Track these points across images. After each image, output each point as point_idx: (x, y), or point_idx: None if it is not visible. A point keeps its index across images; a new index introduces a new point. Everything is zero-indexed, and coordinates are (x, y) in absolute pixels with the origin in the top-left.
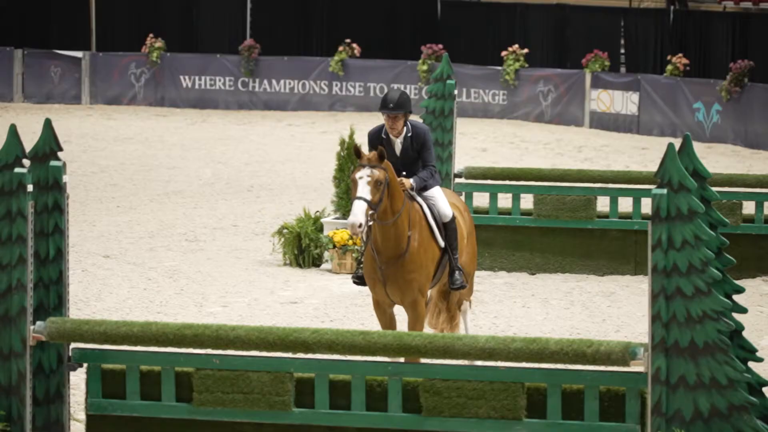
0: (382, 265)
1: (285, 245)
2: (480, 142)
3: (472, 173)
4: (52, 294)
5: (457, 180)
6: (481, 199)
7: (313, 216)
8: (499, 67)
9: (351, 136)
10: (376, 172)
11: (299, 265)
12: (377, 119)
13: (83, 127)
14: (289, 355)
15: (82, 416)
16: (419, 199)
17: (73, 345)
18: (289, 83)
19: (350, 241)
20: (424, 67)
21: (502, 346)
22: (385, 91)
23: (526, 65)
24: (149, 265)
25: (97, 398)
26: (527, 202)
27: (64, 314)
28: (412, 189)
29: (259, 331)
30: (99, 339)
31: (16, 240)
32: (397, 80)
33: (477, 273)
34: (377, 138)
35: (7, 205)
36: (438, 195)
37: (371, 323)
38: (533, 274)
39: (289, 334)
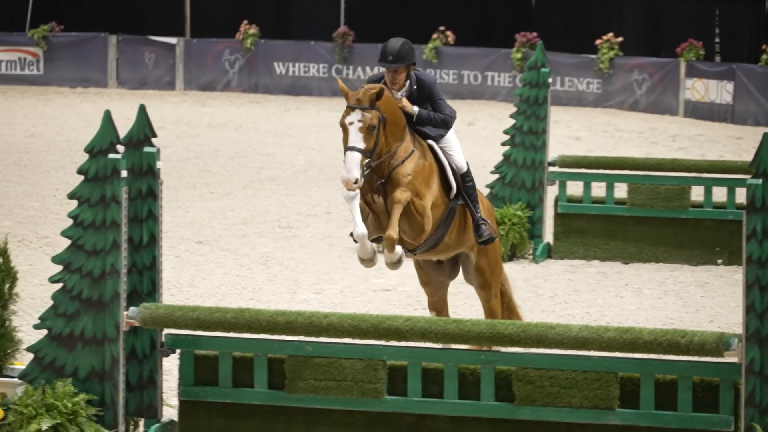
0: (375, 192)
1: None
2: (574, 131)
3: (565, 162)
4: (146, 279)
5: (551, 168)
6: (574, 188)
7: None
8: (594, 56)
9: None
10: (368, 115)
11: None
12: (471, 108)
13: (177, 113)
14: (382, 342)
15: (174, 402)
16: (431, 141)
17: (166, 331)
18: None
19: None
20: (519, 55)
21: (595, 335)
22: (388, 42)
23: (621, 54)
24: (242, 251)
25: (189, 384)
26: (621, 191)
27: (157, 300)
28: (413, 113)
29: (352, 319)
30: (192, 325)
31: (110, 225)
32: (491, 68)
33: (570, 261)
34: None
35: (102, 190)
36: (450, 144)
37: (464, 311)
38: (627, 263)
39: (382, 321)
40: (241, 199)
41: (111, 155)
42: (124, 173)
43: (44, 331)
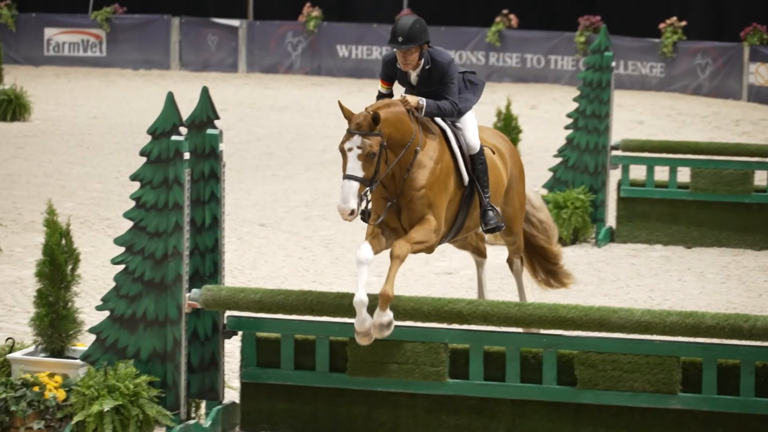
0: (389, 197)
1: None
2: (637, 115)
3: (628, 145)
4: (208, 262)
5: (614, 152)
6: (637, 172)
7: None
8: (657, 40)
9: (508, 107)
10: (368, 142)
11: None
12: (534, 92)
13: (240, 96)
14: (444, 325)
15: (236, 384)
16: (441, 122)
17: (228, 313)
18: None
19: None
20: (582, 39)
21: (657, 319)
22: (398, 21)
23: (684, 38)
24: (304, 234)
25: (251, 366)
26: (684, 175)
27: (219, 282)
28: (420, 108)
29: (414, 302)
30: (254, 307)
31: (172, 207)
32: (554, 51)
33: (632, 245)
34: (391, 66)
35: (164, 172)
36: (468, 124)
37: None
38: (689, 247)
39: (444, 304)
40: (304, 181)
41: (174, 137)
42: (186, 155)
43: (106, 313)
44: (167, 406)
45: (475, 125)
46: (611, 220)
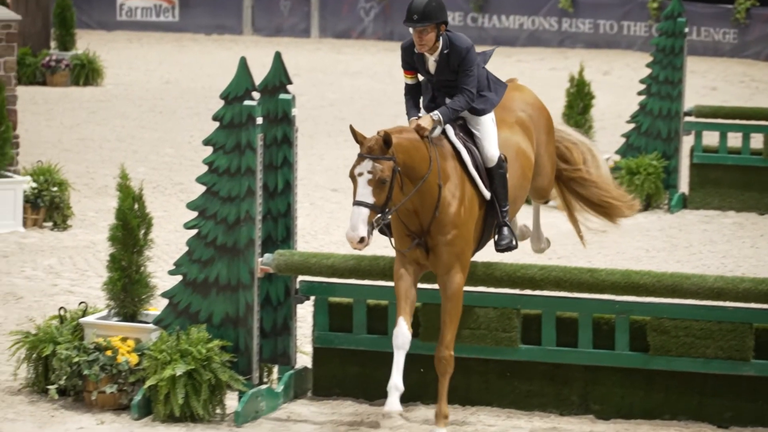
0: (413, 235)
1: None
2: (710, 81)
3: (701, 112)
4: (280, 226)
5: (687, 118)
6: (710, 138)
7: None
8: (730, 6)
9: (581, 73)
10: (379, 167)
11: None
12: (607, 57)
13: (312, 61)
14: (516, 291)
15: (308, 349)
16: (454, 139)
17: (300, 278)
18: (519, 19)
19: None
20: (655, 5)
21: (730, 286)
22: None
23: (758, 3)
24: None
25: (323, 331)
26: (757, 141)
27: (291, 247)
28: (438, 124)
29: (486, 267)
30: (326, 272)
31: (245, 172)
32: (627, 17)
33: (705, 212)
34: (410, 53)
35: (237, 137)
36: (485, 130)
37: (598, 261)
38: (762, 214)
39: (516, 270)
40: None
41: (246, 102)
42: (259, 120)
43: (179, 277)
44: (239, 371)
45: (493, 132)
46: (684, 187)
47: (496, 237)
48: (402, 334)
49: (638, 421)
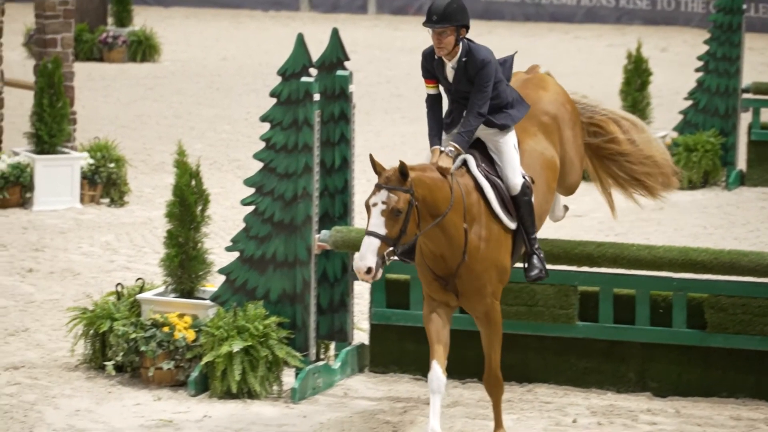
0: (440, 274)
1: None
2: None
3: (759, 88)
4: (338, 203)
5: (745, 95)
6: None
7: None
8: None
9: (638, 50)
10: (394, 198)
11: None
12: (665, 34)
13: (369, 38)
14: (574, 268)
15: (365, 325)
16: (476, 173)
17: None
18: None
19: None
20: None
21: None
22: (434, 0)
23: None
24: None
25: (381, 308)
26: None
27: (348, 223)
28: (457, 155)
29: (543, 244)
30: None
31: (302, 149)
32: None
33: (763, 189)
34: (429, 60)
35: (294, 113)
36: (507, 158)
37: (656, 238)
38: None
39: (573, 247)
40: None
41: (304, 78)
42: (316, 96)
43: (236, 254)
44: (296, 348)
45: (515, 159)
46: (741, 164)
47: (526, 266)
48: (437, 378)
49: (695, 398)
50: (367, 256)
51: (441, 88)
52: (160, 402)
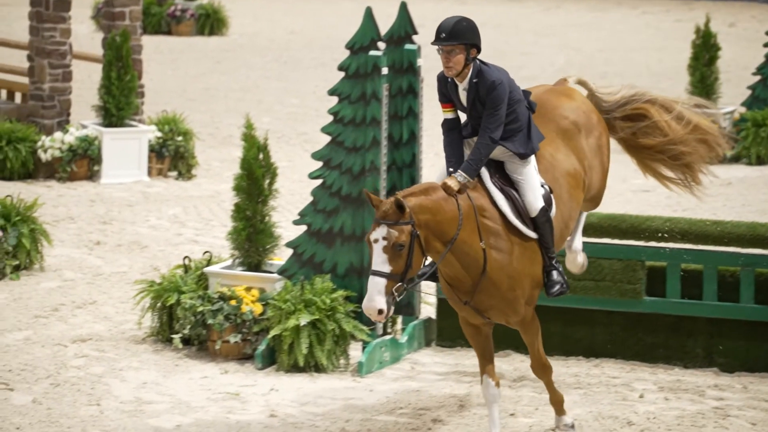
0: (463, 298)
1: None
2: None
3: None
4: (405, 177)
5: None
6: None
7: None
8: None
9: (706, 24)
10: (394, 233)
11: None
12: (732, 9)
13: (436, 12)
14: (641, 243)
15: (432, 299)
16: (489, 185)
17: None
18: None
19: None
20: None
21: None
22: (444, 19)
23: None
24: None
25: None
26: None
27: None
28: (464, 187)
29: (611, 219)
30: None
31: (370, 122)
32: None
33: None
34: (444, 82)
35: (362, 87)
36: (527, 180)
37: (724, 213)
38: None
39: (641, 222)
40: None
41: (372, 52)
42: (384, 70)
43: (303, 227)
44: (363, 321)
45: (536, 182)
46: None
47: (546, 281)
48: (490, 390)
49: (763, 374)
50: (375, 298)
51: (459, 113)
52: (226, 375)
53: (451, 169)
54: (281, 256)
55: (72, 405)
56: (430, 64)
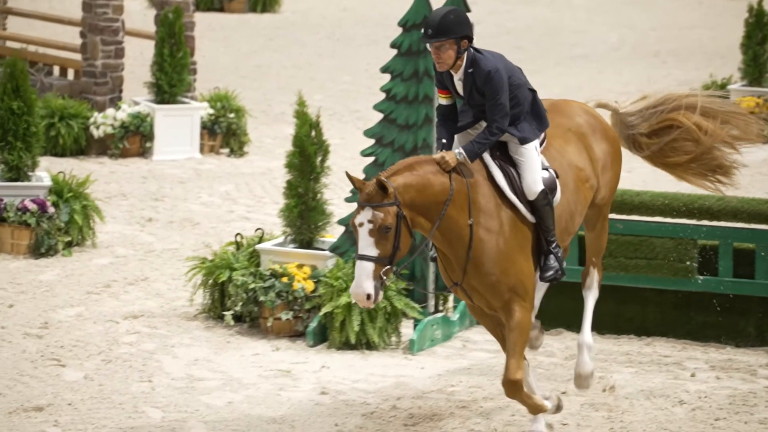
0: (454, 278)
1: None
2: None
3: None
4: None
5: None
6: None
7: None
8: None
9: (760, 3)
10: (379, 215)
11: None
12: None
13: None
14: (694, 221)
15: None
16: (488, 160)
17: None
18: None
19: (756, 110)
20: None
21: None
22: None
23: None
24: None
25: None
26: None
27: None
28: (462, 164)
29: (664, 197)
30: None
31: (422, 100)
32: None
33: None
34: (439, 71)
35: (415, 65)
36: (528, 162)
37: None
38: None
39: (694, 200)
40: (554, 76)
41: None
42: None
43: (354, 205)
44: (415, 299)
45: (537, 164)
46: None
47: (541, 265)
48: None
49: None
50: (363, 283)
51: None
52: (278, 352)
53: (443, 141)
54: (333, 233)
55: (123, 381)
56: (484, 42)
